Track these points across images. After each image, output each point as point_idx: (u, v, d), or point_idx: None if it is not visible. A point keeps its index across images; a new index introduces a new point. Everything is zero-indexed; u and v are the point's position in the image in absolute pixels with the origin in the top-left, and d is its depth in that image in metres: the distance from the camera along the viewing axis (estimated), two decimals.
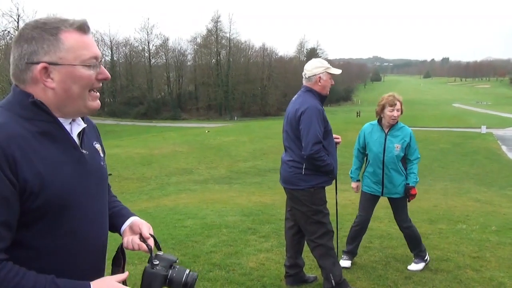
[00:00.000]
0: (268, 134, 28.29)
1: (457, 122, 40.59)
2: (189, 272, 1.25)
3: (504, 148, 23.43)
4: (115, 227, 1.41)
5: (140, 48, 75.38)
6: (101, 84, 1.21)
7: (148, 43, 74.43)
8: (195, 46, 75.73)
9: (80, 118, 1.25)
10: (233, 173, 15.60)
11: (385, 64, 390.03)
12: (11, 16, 47.19)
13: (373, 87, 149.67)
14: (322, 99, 3.23)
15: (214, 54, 74.17)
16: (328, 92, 3.27)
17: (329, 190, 3.60)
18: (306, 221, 3.20)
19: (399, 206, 4.00)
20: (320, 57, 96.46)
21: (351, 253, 4.08)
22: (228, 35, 75.20)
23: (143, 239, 1.33)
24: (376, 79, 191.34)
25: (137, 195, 12.11)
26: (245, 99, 71.01)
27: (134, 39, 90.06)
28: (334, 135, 3.41)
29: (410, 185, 3.91)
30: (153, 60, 75.29)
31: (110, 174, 14.52)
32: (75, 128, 1.22)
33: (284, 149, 3.38)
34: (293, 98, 3.35)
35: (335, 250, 3.37)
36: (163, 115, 66.06)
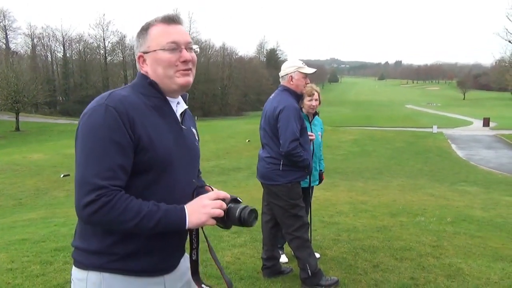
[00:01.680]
0: (230, 134, 28.40)
1: (410, 122, 42.65)
2: (244, 207, 1.36)
3: (453, 146, 24.94)
4: None
5: (95, 45, 73.15)
6: (187, 66, 1.44)
7: (104, 40, 72.38)
8: None
9: (182, 101, 1.54)
10: None
11: (342, 66, 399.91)
12: None
13: (331, 88, 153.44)
14: (298, 97, 3.37)
15: None
16: (302, 91, 3.39)
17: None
18: (284, 215, 3.32)
19: (310, 194, 4.08)
20: (279, 58, 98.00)
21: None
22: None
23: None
24: (333, 80, 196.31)
25: None
26: (205, 99, 70.60)
27: (89, 35, 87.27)
28: (308, 133, 3.57)
29: (322, 171, 4.18)
30: (109, 58, 73.23)
31: (68, 175, 14.04)
32: (180, 108, 1.51)
33: (262, 146, 3.49)
34: (271, 97, 3.47)
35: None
36: None
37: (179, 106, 1.52)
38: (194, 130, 1.61)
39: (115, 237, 1.34)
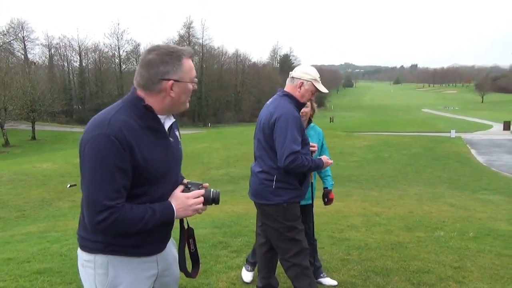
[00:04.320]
0: (242, 141, 27.97)
1: (427, 127, 41.59)
2: (213, 190, 1.75)
3: (473, 151, 24.03)
4: None
5: (110, 54, 73.93)
6: None
7: (119, 49, 73.12)
8: None
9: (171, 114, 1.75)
10: (206, 181, 15.14)
11: (356, 70, 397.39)
12: None
13: (345, 93, 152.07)
14: (299, 106, 2.93)
15: None
16: (305, 102, 2.98)
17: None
18: (279, 239, 2.88)
19: (309, 213, 3.53)
20: (292, 63, 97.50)
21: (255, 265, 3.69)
22: (201, 41, 74.82)
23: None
24: (348, 85, 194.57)
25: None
26: (218, 105, 70.55)
27: (104, 44, 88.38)
28: (311, 143, 3.12)
29: (328, 188, 3.64)
30: (123, 66, 73.87)
31: (74, 185, 13.84)
32: (167, 122, 1.72)
33: (254, 158, 3.05)
34: (267, 102, 3.03)
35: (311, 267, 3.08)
36: None
37: (166, 119, 1.72)
38: (177, 133, 1.84)
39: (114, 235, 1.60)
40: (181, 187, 1.73)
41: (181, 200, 1.67)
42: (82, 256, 1.66)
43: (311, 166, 2.81)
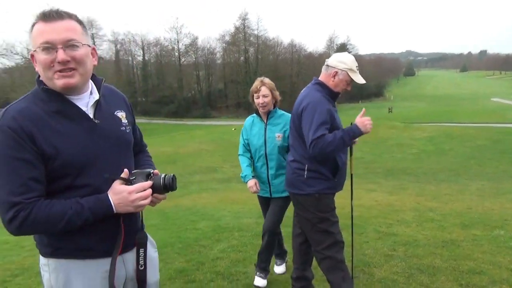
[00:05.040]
0: None
1: (496, 117, 38.58)
2: (164, 176, 1.52)
3: None
4: None
5: (170, 47, 76.31)
6: (65, 66, 1.38)
7: (178, 43, 75.23)
8: (224, 44, 75.87)
9: (96, 91, 1.54)
10: None
11: (419, 58, 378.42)
12: None
13: (406, 82, 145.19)
14: (332, 95, 2.82)
15: (243, 51, 73.98)
16: (340, 91, 2.84)
17: (344, 193, 3.23)
18: (312, 230, 2.83)
19: (282, 207, 3.42)
20: (350, 52, 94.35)
21: (261, 268, 3.53)
22: (256, 32, 74.92)
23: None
24: (409, 74, 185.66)
25: None
26: None
27: (164, 38, 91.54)
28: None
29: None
30: (182, 59, 76.00)
31: None
32: (91, 100, 1.50)
33: (288, 147, 3.04)
34: (302, 91, 2.97)
35: (350, 263, 2.99)
36: (193, 113, 66.60)
37: (91, 98, 1.51)
38: (120, 114, 1.62)
39: (57, 235, 1.46)
40: (118, 181, 1.49)
41: (121, 195, 1.45)
42: (40, 260, 1.57)
43: (340, 140, 2.58)
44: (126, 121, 1.64)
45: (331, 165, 2.74)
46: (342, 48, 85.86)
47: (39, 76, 1.46)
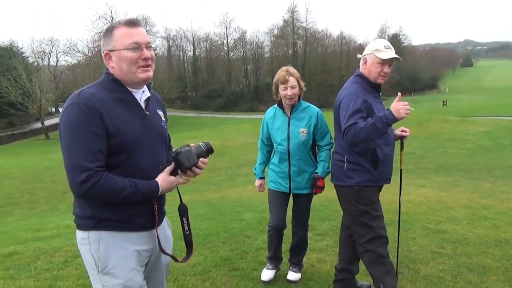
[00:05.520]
0: None
1: None
2: (201, 143, 1.83)
3: None
4: None
5: (219, 42, 77.26)
6: (147, 62, 1.73)
7: (227, 37, 75.94)
8: (272, 38, 75.61)
9: (147, 89, 1.83)
10: None
11: (477, 48, 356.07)
12: (106, 19, 51.14)
13: (463, 73, 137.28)
14: (372, 86, 2.79)
15: (291, 45, 73.41)
16: (376, 80, 2.76)
17: (392, 188, 3.18)
18: (353, 222, 2.83)
19: (306, 203, 3.37)
20: (403, 43, 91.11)
21: (272, 260, 3.50)
22: (304, 24, 73.96)
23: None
24: (467, 65, 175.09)
25: (206, 185, 12.35)
26: (322, 89, 69.52)
27: (214, 33, 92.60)
28: (402, 128, 2.94)
29: (318, 174, 3.20)
30: (231, 54, 76.72)
31: None
32: (143, 96, 1.81)
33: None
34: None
35: (395, 259, 2.94)
36: (241, 107, 67.21)
37: (144, 94, 1.81)
38: (160, 113, 1.90)
39: (103, 206, 1.68)
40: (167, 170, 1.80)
41: (167, 179, 1.77)
42: (79, 235, 1.75)
43: (372, 126, 2.51)
44: (164, 119, 1.92)
45: (371, 157, 2.72)
46: (394, 38, 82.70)
47: (107, 69, 1.75)
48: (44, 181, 14.33)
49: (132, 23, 1.72)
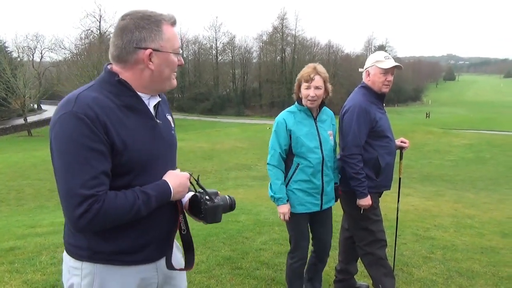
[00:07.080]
0: None
1: None
2: (227, 197, 1.62)
3: None
4: None
5: (208, 45, 77.42)
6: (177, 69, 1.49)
7: (216, 41, 76.21)
8: (261, 44, 76.20)
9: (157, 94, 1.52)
10: None
11: (460, 62, 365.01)
12: (94, 17, 50.75)
13: (445, 86, 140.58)
14: (378, 96, 2.98)
15: (279, 51, 74.06)
16: (381, 89, 2.94)
17: (391, 194, 3.37)
18: (354, 226, 3.03)
19: (331, 217, 2.99)
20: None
21: None
22: (293, 32, 74.74)
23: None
24: (449, 79, 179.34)
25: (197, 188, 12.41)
26: None
27: (203, 37, 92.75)
28: (402, 139, 3.17)
29: (338, 184, 3.01)
30: (220, 57, 76.98)
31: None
32: (152, 101, 1.48)
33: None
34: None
35: (390, 262, 3.14)
36: (227, 111, 67.42)
37: (152, 98, 1.49)
38: (169, 117, 1.62)
39: (101, 237, 1.39)
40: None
41: (173, 173, 1.50)
42: (69, 262, 1.46)
43: (357, 178, 2.81)
44: (173, 125, 1.64)
45: (373, 165, 2.91)
46: (381, 49, 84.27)
47: (108, 66, 1.44)
48: (30, 178, 14.15)
49: (175, 22, 1.44)
